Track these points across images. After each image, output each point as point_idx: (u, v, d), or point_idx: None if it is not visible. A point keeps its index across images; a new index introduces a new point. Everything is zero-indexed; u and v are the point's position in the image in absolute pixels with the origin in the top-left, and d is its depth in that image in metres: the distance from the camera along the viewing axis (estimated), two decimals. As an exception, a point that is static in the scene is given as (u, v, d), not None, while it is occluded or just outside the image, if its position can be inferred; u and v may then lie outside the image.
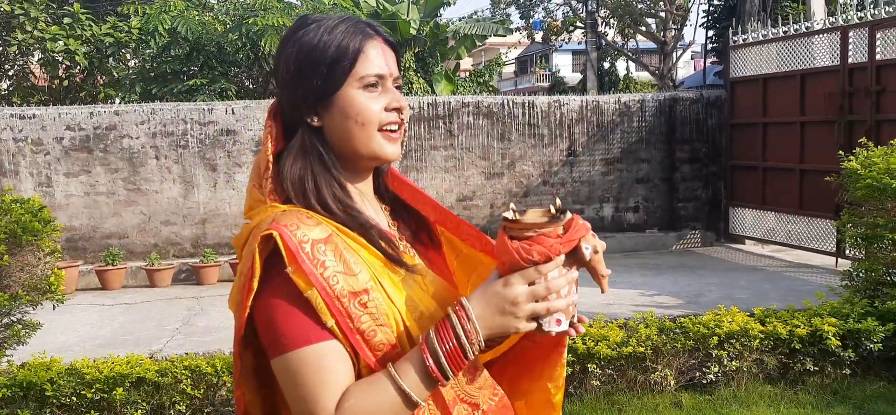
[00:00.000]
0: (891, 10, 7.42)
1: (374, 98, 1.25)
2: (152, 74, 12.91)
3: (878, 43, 7.50)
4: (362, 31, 1.25)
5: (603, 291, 1.27)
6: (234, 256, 8.50)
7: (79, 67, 13.38)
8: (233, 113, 8.92)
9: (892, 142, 5.28)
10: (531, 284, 1.14)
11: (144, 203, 8.81)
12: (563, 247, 1.16)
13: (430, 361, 1.12)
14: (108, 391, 4.06)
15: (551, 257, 1.14)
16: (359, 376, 1.16)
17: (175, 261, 8.72)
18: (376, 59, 1.25)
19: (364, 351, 1.15)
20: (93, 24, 13.00)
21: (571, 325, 1.19)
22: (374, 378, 1.14)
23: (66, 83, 13.92)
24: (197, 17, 12.42)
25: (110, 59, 14.06)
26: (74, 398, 4.05)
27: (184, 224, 8.89)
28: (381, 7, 16.23)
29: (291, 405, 1.15)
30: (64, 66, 13.44)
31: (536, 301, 1.14)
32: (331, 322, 1.13)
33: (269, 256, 1.14)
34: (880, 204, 5.07)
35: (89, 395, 4.04)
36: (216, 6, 14.67)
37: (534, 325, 1.16)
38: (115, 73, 14.35)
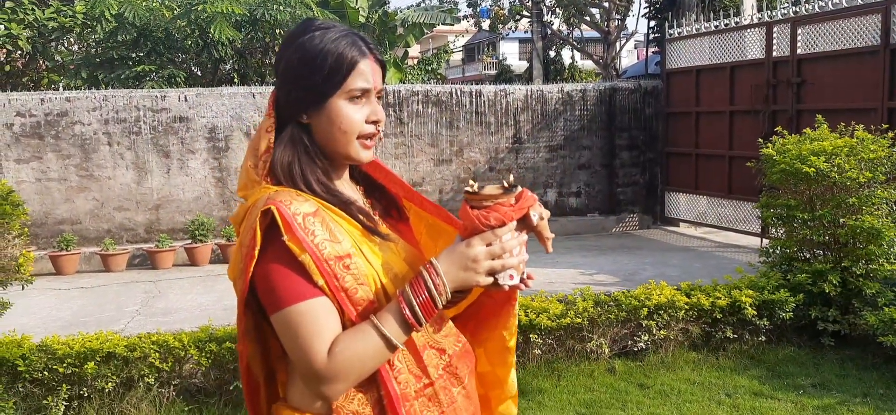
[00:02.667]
0: (811, 7, 7.99)
1: (358, 109, 1.46)
2: (98, 60, 12.82)
3: (799, 38, 8.08)
4: (359, 47, 1.46)
5: (547, 252, 1.55)
6: (190, 241, 8.71)
7: (21, 52, 13.19)
8: (186, 100, 9.04)
9: (805, 130, 5.79)
10: (489, 245, 1.38)
11: (97, 189, 8.88)
12: (515, 214, 1.40)
13: (407, 310, 1.36)
14: (79, 366, 4.27)
15: (505, 222, 1.39)
16: (344, 328, 1.38)
17: (129, 246, 8.82)
18: (366, 74, 1.46)
19: (347, 306, 1.37)
20: (35, 9, 12.82)
21: (522, 280, 1.43)
22: (359, 327, 1.37)
23: (7, 68, 13.69)
24: (144, 3, 12.39)
25: (54, 44, 13.88)
26: (46, 373, 4.25)
27: (137, 210, 8.99)
28: (332, -7, 16.33)
29: (290, 353, 1.38)
30: (4, 50, 13.22)
31: (493, 259, 1.39)
32: (321, 281, 1.35)
33: (266, 228, 1.36)
34: (794, 187, 5.58)
35: (61, 370, 4.24)
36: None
37: (491, 280, 1.39)
38: (58, 59, 14.18)
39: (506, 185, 1.45)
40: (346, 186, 1.57)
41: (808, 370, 5.00)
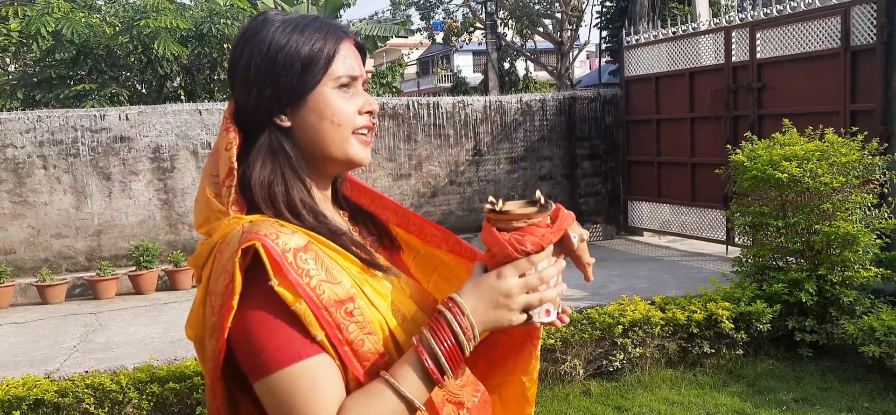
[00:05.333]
0: (770, 11, 7.92)
1: (348, 99, 1.22)
2: (36, 80, 12.19)
3: (758, 42, 8.00)
4: (336, 30, 1.22)
5: (588, 280, 1.28)
6: (134, 268, 8.22)
7: (-48, 73, 12.50)
8: (127, 119, 8.56)
9: (774, 135, 5.64)
10: (523, 275, 1.13)
11: (33, 216, 8.32)
12: (553, 235, 1.15)
13: (430, 362, 1.08)
14: (2, 416, 3.83)
15: (543, 246, 1.13)
16: (347, 391, 1.10)
17: (69, 275, 8.28)
18: (350, 60, 1.22)
19: (353, 363, 1.09)
20: (-33, 27, 12.16)
21: (557, 315, 1.19)
22: (370, 388, 1.09)
23: (-63, 90, 12.95)
24: (83, 19, 11.81)
25: (-12, 64, 13.20)
26: (-35, 426, 3.81)
27: (77, 237, 8.46)
28: (280, 7, 15.94)
29: None
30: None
31: (529, 292, 1.13)
32: (320, 335, 1.07)
33: (246, 270, 1.07)
34: (765, 193, 5.41)
35: (-18, 422, 3.80)
36: (104, 8, 14.02)
37: (525, 317, 1.14)
38: (-7, 79, 13.48)
39: (539, 202, 1.16)
40: (329, 209, 1.27)
41: (789, 384, 4.81)
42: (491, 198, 1.19)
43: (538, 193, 1.21)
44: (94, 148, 8.45)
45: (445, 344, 1.09)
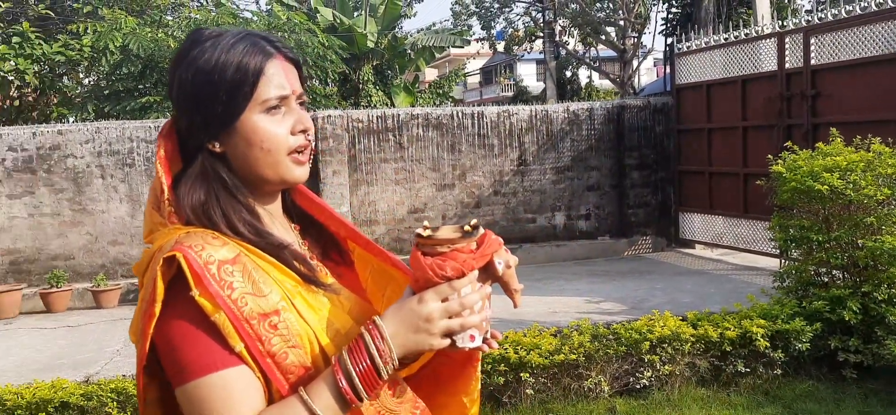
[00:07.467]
0: (825, 15, 7.59)
1: (279, 121, 1.21)
2: (106, 93, 12.75)
3: (812, 48, 7.67)
4: (262, 49, 1.21)
5: (515, 306, 1.26)
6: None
7: (30, 87, 13.17)
8: (180, 130, 8.83)
9: (818, 145, 5.39)
10: (445, 300, 1.13)
11: (91, 223, 8.69)
12: (476, 262, 1.15)
13: (344, 382, 1.09)
14: (30, 418, 3.99)
15: (465, 272, 1.14)
16: (271, 402, 1.12)
17: (122, 281, 8.59)
18: (278, 78, 1.20)
19: (275, 375, 1.11)
20: (43, 43, 12.80)
21: (484, 340, 1.18)
22: (284, 403, 1.10)
23: (17, 103, 13.69)
24: (150, 34, 12.29)
25: (63, 77, 13.85)
26: (-5, 426, 3.98)
27: (132, 244, 8.78)
28: (338, 20, 16.22)
29: None
30: (14, 85, 13.21)
31: (450, 317, 1.13)
32: (239, 346, 1.09)
33: (172, 280, 1.10)
34: (807, 206, 5.17)
35: (11, 422, 3.97)
36: (171, 23, 14.55)
37: (448, 342, 1.14)
38: (67, 93, 14.15)
39: (466, 227, 1.16)
40: (278, 223, 1.28)
41: (829, 407, 4.56)
42: (425, 223, 1.19)
43: (473, 220, 1.21)
44: (148, 158, 8.76)
45: (361, 366, 1.10)
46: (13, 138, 8.52)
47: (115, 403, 4.10)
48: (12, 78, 12.74)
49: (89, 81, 14.74)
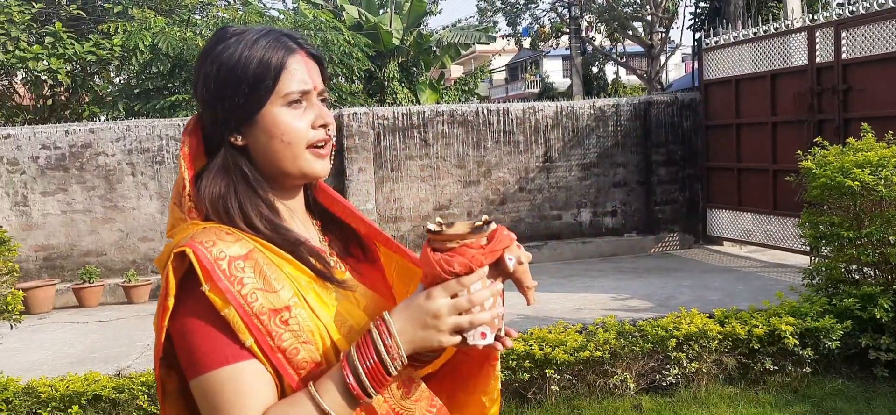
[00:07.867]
0: (855, 9, 7.46)
1: (300, 115, 1.22)
2: (136, 91, 12.95)
3: (843, 42, 7.54)
4: (285, 44, 1.23)
5: (528, 304, 1.26)
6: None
7: (63, 86, 13.41)
8: (208, 128, 8.94)
9: (849, 140, 5.31)
10: (454, 296, 1.12)
11: (122, 220, 8.83)
12: (485, 258, 1.14)
13: (351, 378, 1.10)
14: (64, 409, 4.08)
15: (473, 269, 1.13)
16: (284, 397, 1.13)
17: (153, 277, 8.73)
18: (300, 73, 1.23)
19: (286, 371, 1.13)
20: (75, 43, 13.03)
21: (498, 338, 1.17)
22: (294, 398, 1.12)
23: (50, 102, 13.96)
24: (178, 34, 12.46)
25: (95, 76, 14.09)
26: (30, 417, 4.08)
27: (162, 240, 8.90)
28: (364, 18, 16.29)
29: None
30: (47, 84, 13.47)
31: (460, 314, 1.13)
32: (249, 341, 1.10)
33: (184, 274, 1.13)
34: (837, 203, 5.10)
35: (45, 414, 4.05)
36: (199, 22, 14.72)
37: (458, 338, 1.14)
38: (98, 91, 14.39)
39: (478, 223, 1.16)
40: (299, 219, 1.30)
41: (859, 406, 4.50)
42: (438, 218, 1.20)
43: (485, 216, 1.20)
44: (177, 155, 8.85)
45: (368, 362, 1.10)
46: (46, 137, 8.69)
47: (145, 396, 4.17)
48: (45, 77, 13.00)
49: (120, 80, 14.97)
